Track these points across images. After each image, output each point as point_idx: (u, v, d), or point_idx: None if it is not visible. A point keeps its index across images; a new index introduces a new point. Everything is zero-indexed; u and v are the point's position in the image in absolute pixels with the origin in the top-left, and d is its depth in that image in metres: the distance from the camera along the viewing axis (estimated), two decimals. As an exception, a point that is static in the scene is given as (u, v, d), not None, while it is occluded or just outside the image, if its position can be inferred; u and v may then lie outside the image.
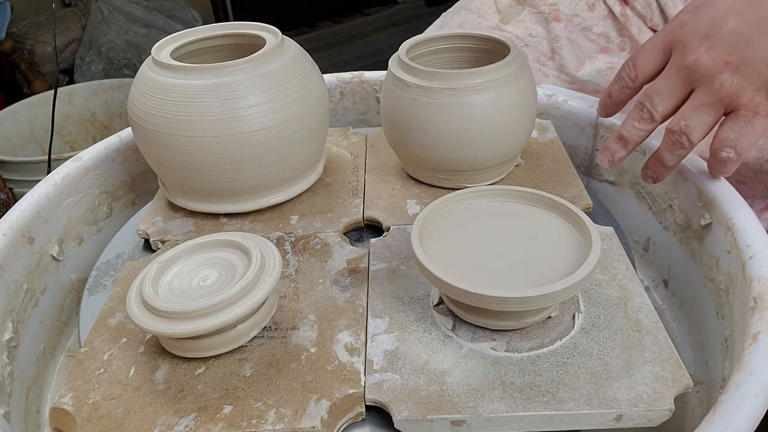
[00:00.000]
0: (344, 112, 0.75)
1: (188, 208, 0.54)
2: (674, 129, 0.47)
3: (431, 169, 0.55)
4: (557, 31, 0.71)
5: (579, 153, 0.65)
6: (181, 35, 0.56)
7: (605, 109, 0.55)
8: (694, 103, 0.46)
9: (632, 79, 0.51)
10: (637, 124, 0.49)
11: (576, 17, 0.71)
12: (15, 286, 0.49)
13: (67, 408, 0.38)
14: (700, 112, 0.46)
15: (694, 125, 0.46)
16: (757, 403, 0.34)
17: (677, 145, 0.47)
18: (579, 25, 0.71)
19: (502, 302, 0.36)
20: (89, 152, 0.61)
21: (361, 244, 0.53)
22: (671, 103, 0.48)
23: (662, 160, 0.49)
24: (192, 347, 0.40)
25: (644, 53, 0.50)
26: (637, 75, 0.50)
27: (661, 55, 0.49)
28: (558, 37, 0.72)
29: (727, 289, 0.46)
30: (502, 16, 0.75)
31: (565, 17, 0.71)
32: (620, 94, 0.53)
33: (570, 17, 0.71)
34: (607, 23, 0.72)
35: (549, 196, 0.44)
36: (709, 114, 0.46)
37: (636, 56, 0.51)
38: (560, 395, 0.36)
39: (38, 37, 1.81)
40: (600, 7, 0.72)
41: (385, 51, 2.25)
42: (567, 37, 0.71)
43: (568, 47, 0.72)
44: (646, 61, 0.50)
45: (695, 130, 0.46)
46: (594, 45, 0.71)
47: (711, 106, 0.46)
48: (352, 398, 0.38)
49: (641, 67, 0.50)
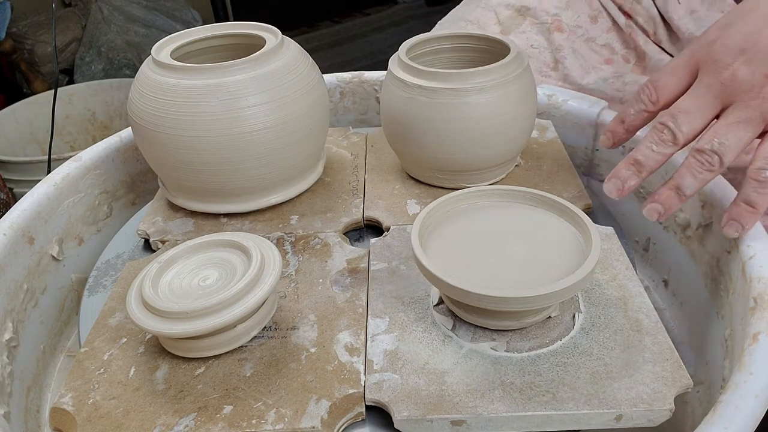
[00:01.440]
0: (344, 112, 0.75)
1: (188, 208, 0.54)
2: (705, 148, 0.42)
3: (431, 169, 0.55)
4: (560, 41, 0.69)
5: (579, 153, 0.65)
6: (181, 35, 0.56)
7: (614, 137, 0.49)
8: (730, 120, 0.41)
9: (653, 102, 0.46)
10: (656, 147, 0.44)
11: (579, 28, 0.70)
12: (15, 286, 0.49)
13: (67, 408, 0.38)
14: (737, 128, 0.41)
15: (730, 143, 0.41)
16: (757, 403, 0.34)
17: (705, 166, 0.42)
18: (582, 36, 0.69)
19: (502, 302, 0.36)
20: (89, 152, 0.61)
21: (361, 244, 0.53)
22: (699, 123, 0.43)
23: (680, 188, 0.43)
24: (192, 347, 0.40)
25: (666, 74, 0.45)
26: (659, 97, 0.45)
27: (687, 75, 0.44)
28: (561, 47, 0.69)
29: (727, 289, 0.46)
30: (502, 27, 0.74)
31: (567, 28, 0.69)
32: (636, 119, 0.47)
33: (573, 28, 0.69)
34: (611, 35, 0.70)
35: (549, 196, 0.44)
36: (747, 131, 0.41)
37: (657, 78, 0.46)
38: (560, 395, 0.36)
39: (38, 37, 1.81)
40: (603, 19, 0.70)
41: (385, 51, 2.25)
42: (570, 47, 0.69)
43: (572, 56, 0.69)
44: (670, 82, 0.45)
45: (730, 149, 0.41)
46: (598, 56, 0.69)
47: (750, 122, 0.41)
48: (352, 398, 0.38)
49: (663, 89, 0.45)
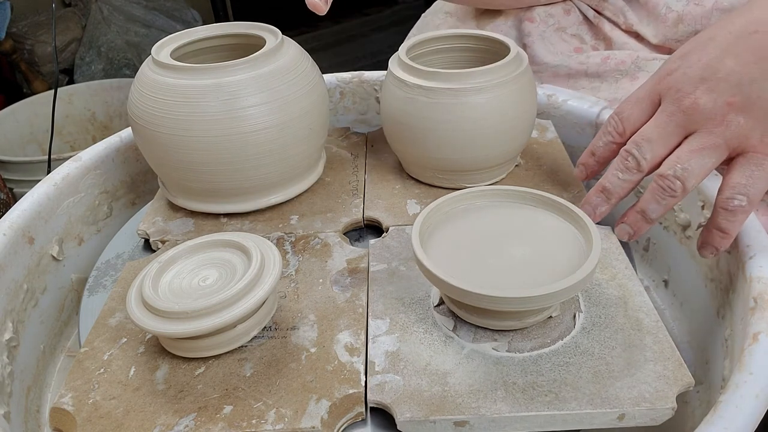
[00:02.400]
0: (344, 112, 0.75)
1: (188, 208, 0.54)
2: (667, 173, 0.42)
3: (431, 169, 0.55)
4: (529, 29, 0.71)
5: (579, 153, 0.65)
6: (181, 35, 0.56)
7: (587, 169, 0.50)
8: (693, 146, 0.42)
9: (620, 134, 0.47)
10: (621, 174, 0.45)
11: (550, 18, 0.71)
12: (15, 286, 0.49)
13: (67, 408, 0.38)
14: (701, 155, 0.42)
15: (692, 168, 0.42)
16: (757, 403, 0.34)
17: (668, 192, 0.43)
18: (553, 26, 0.71)
19: (503, 302, 0.36)
20: (89, 152, 0.61)
21: (361, 244, 0.53)
22: (661, 151, 0.44)
23: (645, 212, 0.44)
24: (192, 347, 0.40)
25: (630, 105, 0.46)
26: (625, 129, 0.46)
27: (650, 105, 0.45)
28: (530, 33, 0.71)
29: (727, 289, 0.46)
30: (478, 22, 0.76)
31: (539, 18, 0.71)
32: (605, 151, 0.48)
33: (544, 18, 0.71)
34: (581, 27, 0.72)
35: (549, 196, 0.44)
36: (711, 157, 0.42)
37: (621, 109, 0.47)
38: (563, 395, 0.36)
39: (38, 37, 1.81)
40: (575, 13, 0.72)
41: (385, 51, 2.25)
42: (539, 34, 0.71)
43: (540, 42, 0.70)
44: (634, 113, 0.46)
45: (693, 175, 0.42)
46: (567, 45, 0.71)
47: (714, 149, 0.42)
48: (352, 398, 0.38)
49: (629, 120, 0.46)
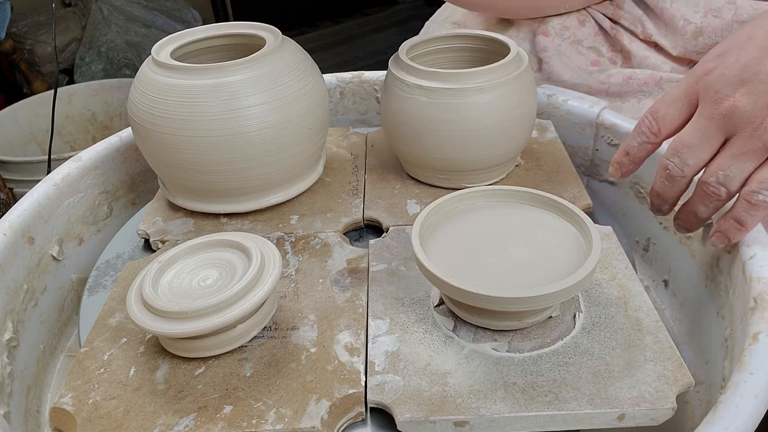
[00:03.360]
0: (344, 112, 0.75)
1: (188, 208, 0.54)
2: (710, 181, 0.43)
3: (431, 169, 0.55)
4: (545, 44, 0.70)
5: (579, 153, 0.65)
6: (181, 35, 0.56)
7: (621, 169, 0.49)
8: (734, 152, 0.42)
9: (654, 134, 0.46)
10: (668, 182, 0.45)
11: (566, 30, 0.70)
12: (15, 286, 0.49)
13: (67, 408, 0.38)
14: (741, 160, 0.42)
15: (734, 175, 0.42)
16: (757, 403, 0.34)
17: (713, 198, 0.43)
18: (569, 39, 0.70)
19: (503, 302, 0.36)
20: (89, 152, 0.61)
21: (361, 244, 0.53)
22: (703, 156, 0.43)
23: (696, 213, 0.45)
24: (192, 347, 0.40)
25: (665, 105, 0.46)
26: (660, 129, 0.46)
27: (687, 106, 0.45)
28: (546, 48, 0.70)
29: (727, 289, 0.46)
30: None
31: (554, 31, 0.70)
32: (640, 151, 0.47)
33: (559, 31, 0.70)
34: (597, 38, 0.70)
35: (549, 196, 0.44)
36: (751, 162, 0.42)
37: (657, 108, 0.46)
38: (563, 395, 0.36)
39: (38, 37, 1.81)
40: (590, 24, 0.71)
41: (385, 51, 2.25)
42: (555, 49, 0.70)
43: (557, 57, 0.70)
44: (669, 113, 0.45)
45: (735, 180, 0.42)
46: (584, 58, 0.70)
47: (753, 153, 0.41)
48: (352, 398, 0.38)
49: (664, 120, 0.45)
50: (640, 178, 0.59)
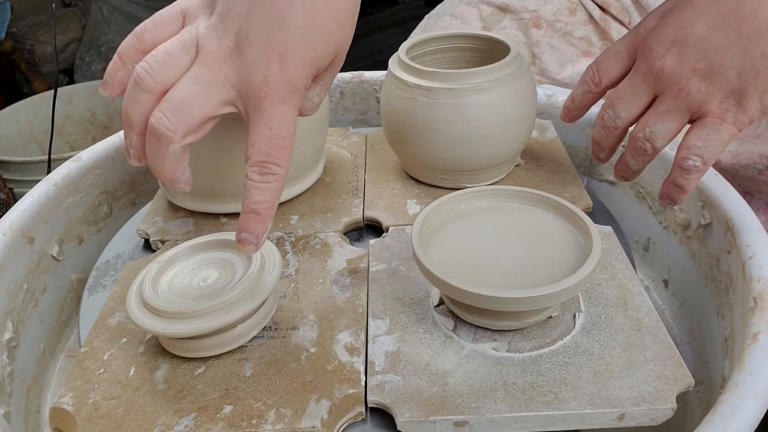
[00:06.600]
0: (344, 112, 0.75)
1: (188, 208, 0.54)
2: (638, 136, 0.46)
3: (431, 169, 0.55)
4: (537, 37, 0.71)
5: (579, 153, 0.65)
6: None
7: (568, 114, 0.53)
8: (659, 110, 0.45)
9: (596, 84, 0.49)
10: (604, 131, 0.48)
11: (557, 22, 0.72)
12: (15, 286, 0.49)
13: (67, 408, 0.38)
14: (665, 118, 0.45)
15: (658, 132, 0.45)
16: (757, 403, 0.34)
17: (641, 151, 0.46)
18: (560, 30, 0.72)
19: (503, 302, 0.36)
20: (89, 152, 0.61)
21: (361, 244, 0.53)
22: (634, 110, 0.46)
23: (628, 165, 0.48)
24: (192, 347, 0.40)
25: (608, 57, 0.49)
26: (601, 79, 0.49)
27: (626, 59, 0.48)
28: (538, 42, 0.71)
29: (727, 289, 0.46)
30: (484, 24, 0.76)
31: (545, 23, 0.71)
32: (583, 99, 0.51)
33: (551, 23, 0.71)
34: (588, 28, 0.72)
35: (549, 196, 0.44)
36: (675, 120, 0.45)
37: (600, 60, 0.49)
38: (563, 395, 0.36)
39: (38, 37, 1.81)
40: (581, 12, 0.72)
41: (385, 51, 2.25)
42: (547, 42, 0.71)
43: (549, 51, 0.71)
44: (610, 66, 0.48)
45: (660, 137, 0.45)
46: (576, 49, 0.71)
47: (677, 112, 0.44)
48: (352, 398, 0.38)
49: (605, 72, 0.49)
50: (641, 179, 0.59)
